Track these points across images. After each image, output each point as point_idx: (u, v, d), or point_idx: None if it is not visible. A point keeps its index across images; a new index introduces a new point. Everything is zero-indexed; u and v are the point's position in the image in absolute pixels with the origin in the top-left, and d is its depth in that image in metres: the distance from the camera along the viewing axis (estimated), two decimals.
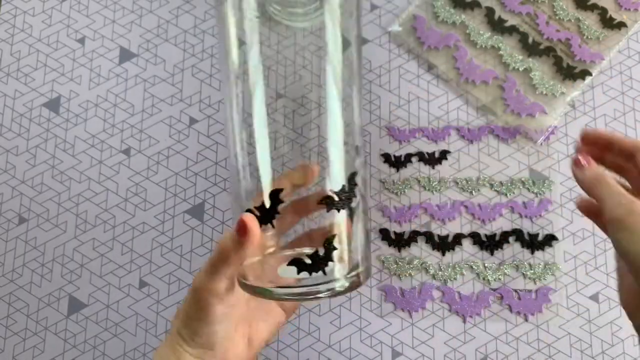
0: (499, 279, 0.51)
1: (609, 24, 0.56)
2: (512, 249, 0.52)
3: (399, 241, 0.52)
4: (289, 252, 0.37)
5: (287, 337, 0.51)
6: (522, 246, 0.52)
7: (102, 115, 0.56)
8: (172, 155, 0.55)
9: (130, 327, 0.52)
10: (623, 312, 0.51)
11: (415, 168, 0.54)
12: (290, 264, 0.34)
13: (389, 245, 0.52)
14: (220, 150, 0.55)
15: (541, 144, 0.54)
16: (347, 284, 0.35)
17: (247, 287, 0.36)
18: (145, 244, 0.53)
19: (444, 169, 0.54)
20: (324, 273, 0.34)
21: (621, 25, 0.56)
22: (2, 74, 0.57)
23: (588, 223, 0.52)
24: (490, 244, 0.52)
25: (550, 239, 0.52)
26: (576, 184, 0.53)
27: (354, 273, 0.36)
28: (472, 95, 0.55)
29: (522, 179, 0.53)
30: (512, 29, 0.56)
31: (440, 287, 0.51)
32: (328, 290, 0.35)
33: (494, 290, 0.51)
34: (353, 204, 0.36)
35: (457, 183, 0.53)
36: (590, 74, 0.55)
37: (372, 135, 0.55)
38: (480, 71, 0.55)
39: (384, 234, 0.52)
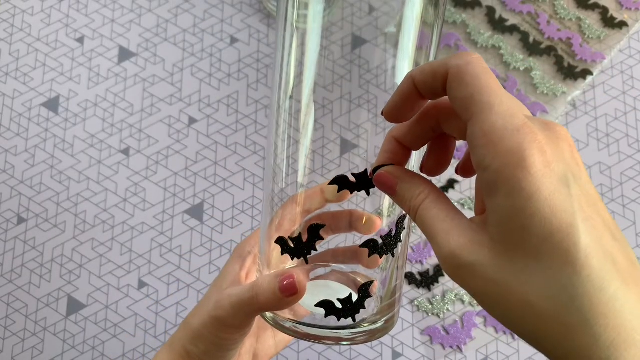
0: None
1: (610, 23, 0.56)
2: None
3: (427, 280, 0.51)
4: (316, 269, 0.35)
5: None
6: None
7: (101, 115, 0.55)
8: (171, 155, 0.55)
9: (130, 328, 0.52)
10: None
11: None
12: (319, 305, 0.32)
13: (418, 287, 0.51)
14: (219, 150, 0.55)
15: None
16: (379, 327, 0.33)
17: (273, 323, 0.34)
18: (145, 244, 0.53)
19: (453, 195, 0.53)
20: (354, 320, 0.32)
21: (622, 24, 0.55)
22: (1, 73, 0.57)
23: None
24: None
25: None
26: None
27: (387, 316, 0.34)
28: None
29: None
30: (513, 29, 0.56)
31: (481, 312, 0.50)
32: (362, 334, 0.32)
33: None
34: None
35: (464, 205, 0.53)
36: (592, 74, 0.54)
37: (369, 133, 0.54)
38: None
39: (410, 277, 0.51)
